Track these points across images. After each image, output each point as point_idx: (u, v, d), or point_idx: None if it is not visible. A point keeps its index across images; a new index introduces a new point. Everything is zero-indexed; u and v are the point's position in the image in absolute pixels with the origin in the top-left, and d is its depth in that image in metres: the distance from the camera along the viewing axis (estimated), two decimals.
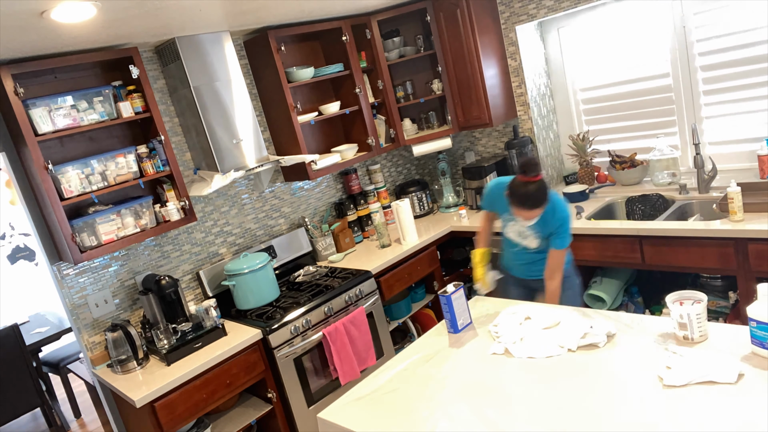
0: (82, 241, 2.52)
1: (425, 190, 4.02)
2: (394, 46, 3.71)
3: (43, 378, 4.23)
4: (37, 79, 2.56)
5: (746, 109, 3.01)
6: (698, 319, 1.68)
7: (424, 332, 3.53)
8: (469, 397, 1.70)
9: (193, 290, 3.11)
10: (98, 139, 2.76)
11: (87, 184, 2.54)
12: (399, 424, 1.65)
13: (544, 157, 3.77)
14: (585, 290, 3.20)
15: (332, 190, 3.80)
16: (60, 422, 4.18)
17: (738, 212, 2.56)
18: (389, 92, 3.66)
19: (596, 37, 3.48)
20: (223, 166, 2.91)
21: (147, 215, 2.72)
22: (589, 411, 1.50)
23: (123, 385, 2.45)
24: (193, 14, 2.40)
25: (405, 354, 2.08)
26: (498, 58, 3.62)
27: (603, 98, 3.58)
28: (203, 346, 2.64)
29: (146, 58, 2.93)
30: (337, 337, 2.86)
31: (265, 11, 2.73)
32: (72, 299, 2.70)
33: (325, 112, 3.48)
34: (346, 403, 1.85)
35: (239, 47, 3.31)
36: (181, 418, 2.45)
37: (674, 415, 1.40)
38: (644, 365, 1.64)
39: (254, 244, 3.37)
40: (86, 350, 2.73)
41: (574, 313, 2.04)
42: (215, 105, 2.90)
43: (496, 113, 3.59)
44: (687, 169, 3.30)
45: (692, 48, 3.08)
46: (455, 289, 2.12)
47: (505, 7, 3.59)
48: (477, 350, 1.98)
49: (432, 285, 3.63)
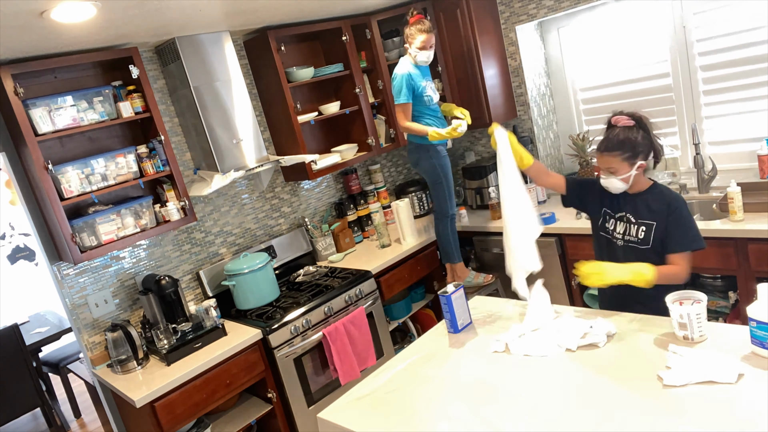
0: (82, 241, 2.52)
1: (425, 190, 4.02)
2: (394, 46, 3.71)
3: (43, 378, 4.22)
4: (37, 79, 2.56)
5: (746, 109, 3.00)
6: (698, 319, 1.68)
7: (424, 332, 3.53)
8: (469, 397, 1.70)
9: (193, 290, 3.11)
10: (98, 139, 2.76)
11: (87, 184, 2.54)
12: (399, 424, 1.65)
13: (544, 157, 3.77)
14: (585, 290, 3.21)
15: (332, 190, 3.80)
16: (60, 422, 4.18)
17: (738, 212, 2.56)
18: (389, 92, 3.65)
19: (596, 37, 3.47)
20: (223, 166, 2.91)
21: (147, 215, 2.72)
22: (589, 411, 1.50)
23: (123, 385, 2.45)
24: (193, 14, 2.40)
25: (405, 354, 2.08)
26: (498, 58, 3.62)
27: (603, 98, 3.57)
28: (203, 346, 2.64)
29: (146, 58, 2.93)
30: (337, 337, 2.86)
31: (264, 11, 2.73)
32: (72, 299, 2.70)
33: (325, 112, 3.48)
34: (346, 403, 1.85)
35: (239, 47, 3.31)
36: (181, 418, 2.45)
37: (674, 415, 1.40)
38: (644, 365, 1.64)
39: (254, 244, 3.37)
40: (86, 350, 2.73)
41: (575, 313, 2.04)
42: (215, 105, 2.90)
43: (496, 113, 3.59)
44: (687, 169, 3.29)
45: (692, 48, 3.08)
46: (455, 289, 2.12)
47: (505, 7, 3.59)
48: (477, 350, 1.98)
49: (432, 285, 3.63)
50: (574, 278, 3.18)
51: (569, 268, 3.19)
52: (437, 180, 3.11)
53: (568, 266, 3.19)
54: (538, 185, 3.10)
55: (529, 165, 2.23)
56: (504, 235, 2.21)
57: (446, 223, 3.19)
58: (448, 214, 3.17)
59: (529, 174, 2.28)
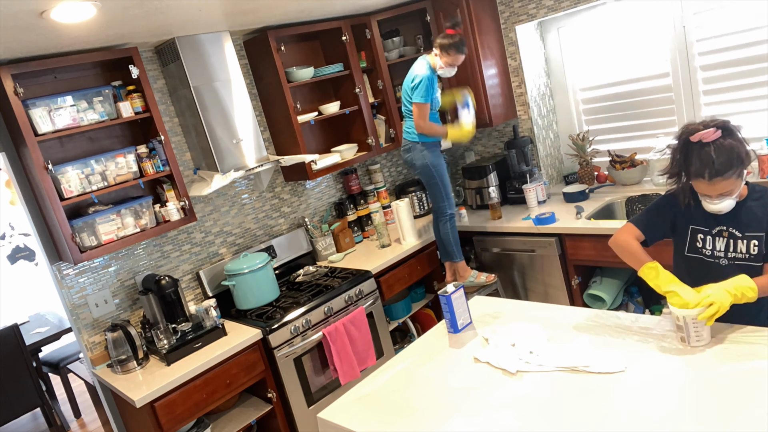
0: (82, 241, 2.52)
1: (425, 190, 4.02)
2: (394, 46, 3.71)
3: (43, 378, 4.23)
4: (37, 79, 2.56)
5: (746, 109, 3.01)
6: (695, 325, 1.64)
7: (424, 332, 3.53)
8: (469, 397, 1.70)
9: (193, 290, 3.11)
10: (98, 139, 2.76)
11: (87, 184, 2.54)
12: (399, 424, 1.65)
13: (544, 157, 3.77)
14: (585, 290, 3.21)
15: (332, 190, 3.80)
16: (60, 422, 4.18)
17: None
18: (389, 92, 3.66)
19: (596, 36, 3.47)
20: (223, 166, 2.91)
21: (147, 215, 2.72)
22: (587, 412, 1.50)
23: (123, 385, 2.45)
24: (193, 14, 2.40)
25: (405, 354, 2.08)
26: (498, 58, 3.62)
27: (603, 98, 3.58)
28: (203, 346, 2.64)
29: (146, 58, 2.93)
30: (337, 337, 2.86)
31: (264, 11, 2.73)
32: (72, 299, 2.70)
33: (325, 112, 3.48)
34: (346, 403, 1.85)
35: (239, 47, 3.31)
36: (181, 418, 2.45)
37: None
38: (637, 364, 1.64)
39: (254, 244, 3.37)
40: (86, 350, 2.73)
41: (589, 346, 1.82)
42: (215, 105, 2.90)
43: (495, 113, 3.59)
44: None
45: (692, 48, 3.08)
46: (455, 289, 2.12)
47: (505, 7, 3.59)
48: (477, 350, 1.98)
49: (432, 285, 3.63)
50: (574, 278, 3.18)
51: (569, 268, 3.19)
52: (432, 179, 3.12)
53: (568, 266, 3.19)
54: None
55: None
56: None
57: (445, 221, 3.19)
58: (446, 213, 3.17)
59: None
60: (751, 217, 1.74)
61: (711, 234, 1.82)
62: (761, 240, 1.73)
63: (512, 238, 3.38)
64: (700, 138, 1.66)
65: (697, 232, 1.84)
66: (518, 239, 3.35)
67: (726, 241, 1.79)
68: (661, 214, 1.92)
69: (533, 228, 3.23)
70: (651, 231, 1.93)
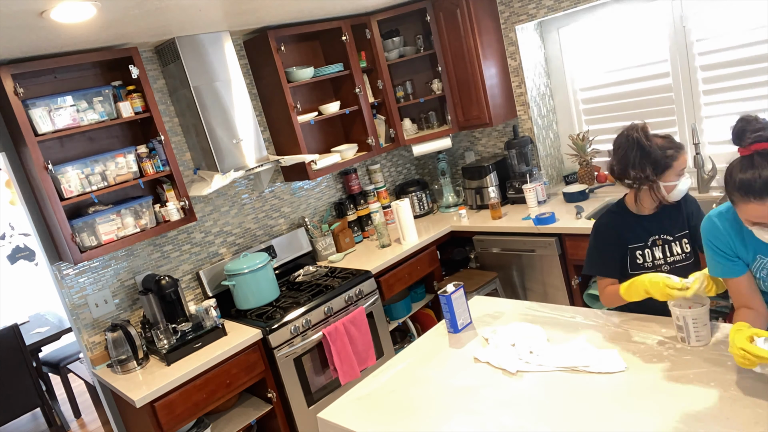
0: (82, 241, 2.52)
1: (425, 190, 4.02)
2: (394, 46, 3.71)
3: (43, 378, 4.22)
4: (37, 79, 2.56)
5: (746, 109, 3.00)
6: (695, 324, 1.64)
7: (424, 332, 3.53)
8: (469, 397, 1.70)
9: (193, 290, 3.11)
10: (98, 139, 2.76)
11: (87, 184, 2.54)
12: (399, 424, 1.65)
13: (544, 157, 3.77)
14: (585, 290, 3.20)
15: (332, 190, 3.80)
16: (60, 422, 4.18)
17: None
18: (389, 92, 3.66)
19: (596, 37, 3.47)
20: (223, 166, 2.91)
21: (147, 215, 2.72)
22: (587, 412, 1.50)
23: (123, 385, 2.45)
24: (192, 14, 2.40)
25: (405, 354, 2.08)
26: (498, 58, 3.62)
27: (603, 98, 3.58)
28: (203, 346, 2.64)
29: (146, 58, 2.93)
30: (337, 337, 2.86)
31: (264, 11, 2.73)
32: (72, 299, 2.70)
33: (325, 112, 3.48)
34: (346, 403, 1.85)
35: (239, 47, 3.31)
36: (181, 418, 2.45)
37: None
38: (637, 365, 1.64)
39: (254, 244, 3.37)
40: (86, 350, 2.73)
41: (589, 345, 1.81)
42: (215, 105, 2.90)
43: (495, 113, 3.59)
44: (687, 168, 3.29)
45: (692, 48, 3.08)
46: (455, 288, 2.12)
47: (505, 7, 3.59)
48: (477, 350, 1.98)
49: (432, 285, 3.63)
50: (574, 278, 3.18)
51: (569, 268, 3.19)
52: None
53: (568, 266, 3.19)
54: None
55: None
56: None
57: None
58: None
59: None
60: (673, 218, 1.84)
61: (648, 246, 1.89)
62: (688, 236, 1.84)
63: (512, 238, 3.38)
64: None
65: (635, 250, 1.91)
66: (518, 239, 3.35)
67: (662, 248, 1.87)
68: (609, 250, 1.98)
69: (533, 228, 3.23)
70: (613, 269, 1.98)
